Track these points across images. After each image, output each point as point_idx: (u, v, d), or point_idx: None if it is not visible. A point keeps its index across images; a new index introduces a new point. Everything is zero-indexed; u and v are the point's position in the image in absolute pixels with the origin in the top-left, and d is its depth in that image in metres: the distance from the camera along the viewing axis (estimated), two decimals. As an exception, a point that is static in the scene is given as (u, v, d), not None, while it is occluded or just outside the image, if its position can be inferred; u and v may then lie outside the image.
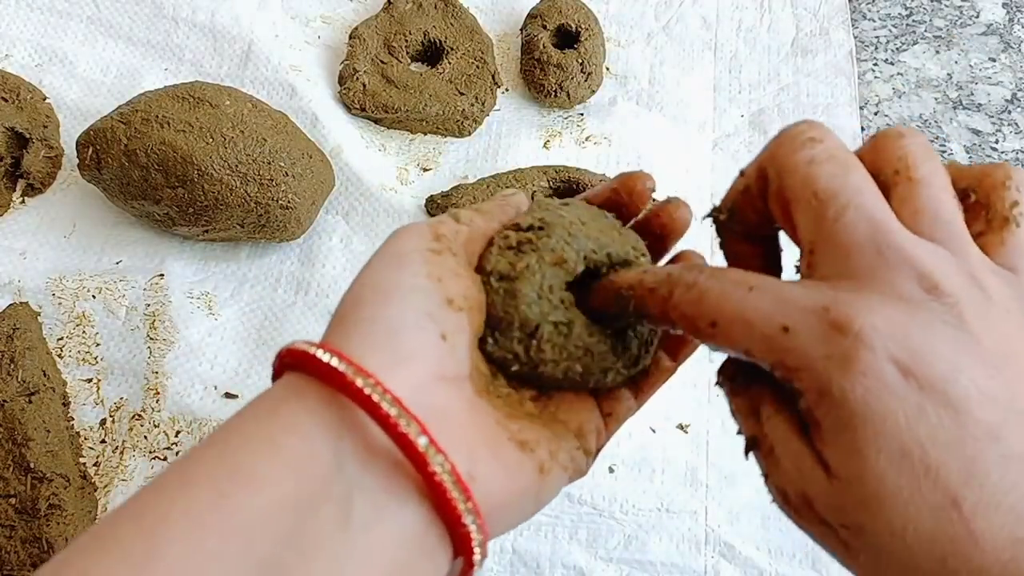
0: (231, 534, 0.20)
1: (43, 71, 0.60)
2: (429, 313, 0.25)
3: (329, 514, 0.22)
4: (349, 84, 0.59)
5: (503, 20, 0.65)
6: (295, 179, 0.51)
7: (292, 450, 0.22)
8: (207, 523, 0.20)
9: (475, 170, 0.59)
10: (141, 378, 0.50)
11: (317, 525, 0.21)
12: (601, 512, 0.48)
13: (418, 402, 0.23)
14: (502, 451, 0.25)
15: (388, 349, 0.24)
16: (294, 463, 0.22)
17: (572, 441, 0.28)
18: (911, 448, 0.20)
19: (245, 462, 0.22)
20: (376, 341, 0.24)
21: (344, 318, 0.25)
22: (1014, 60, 0.65)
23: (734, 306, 0.23)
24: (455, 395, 0.25)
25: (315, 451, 0.22)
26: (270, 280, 0.54)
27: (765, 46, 0.64)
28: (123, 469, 0.48)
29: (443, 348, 0.25)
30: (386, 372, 0.23)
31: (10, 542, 0.43)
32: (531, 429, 0.27)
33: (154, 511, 0.21)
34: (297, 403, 0.23)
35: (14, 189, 0.56)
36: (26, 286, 0.53)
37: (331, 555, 0.21)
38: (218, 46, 0.62)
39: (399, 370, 0.24)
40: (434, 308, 0.25)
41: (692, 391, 0.51)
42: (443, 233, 0.28)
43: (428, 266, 0.26)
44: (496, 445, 0.25)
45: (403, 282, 0.26)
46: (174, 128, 0.49)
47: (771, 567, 0.47)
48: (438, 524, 0.23)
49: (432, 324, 0.25)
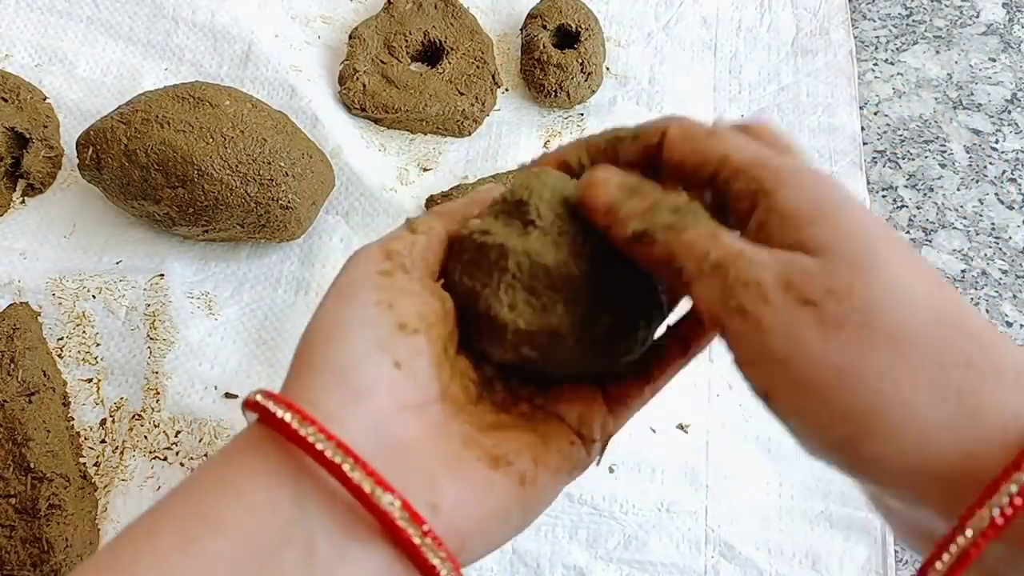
0: None
1: (43, 71, 0.60)
2: (379, 343, 0.25)
3: (292, 558, 0.22)
4: (349, 84, 0.59)
5: (503, 20, 0.65)
6: (295, 179, 0.51)
7: (254, 496, 0.23)
8: (175, 567, 0.21)
9: (475, 170, 0.59)
10: (141, 378, 0.50)
11: (281, 570, 0.22)
12: (601, 512, 0.48)
13: (376, 439, 0.23)
14: (469, 473, 0.25)
15: (341, 389, 0.24)
16: (256, 509, 0.22)
17: (567, 437, 0.28)
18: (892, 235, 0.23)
19: (210, 508, 0.23)
20: (328, 382, 0.24)
21: (300, 361, 0.26)
22: (1014, 60, 0.65)
23: None
24: (419, 423, 0.25)
25: (276, 497, 0.23)
26: (270, 280, 0.54)
27: (765, 46, 0.64)
28: (123, 469, 0.48)
29: (399, 377, 0.25)
30: (342, 412, 0.23)
31: (10, 542, 0.43)
32: (512, 438, 0.27)
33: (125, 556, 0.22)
34: (258, 451, 0.24)
35: (14, 189, 0.56)
36: (26, 286, 0.53)
37: None
38: (218, 46, 0.62)
39: (354, 409, 0.24)
40: (384, 337, 0.25)
41: (692, 391, 0.51)
42: (395, 249, 0.28)
43: (377, 293, 0.26)
44: (461, 468, 0.25)
45: (350, 316, 0.26)
46: (174, 128, 0.49)
47: (771, 567, 0.47)
48: (404, 560, 0.23)
49: (383, 355, 0.25)
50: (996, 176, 0.60)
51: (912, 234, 0.58)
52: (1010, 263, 0.57)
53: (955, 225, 0.58)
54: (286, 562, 0.22)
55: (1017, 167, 0.60)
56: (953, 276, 0.56)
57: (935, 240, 0.57)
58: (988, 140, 0.62)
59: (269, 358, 0.52)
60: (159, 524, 0.23)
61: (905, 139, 0.62)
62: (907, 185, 0.60)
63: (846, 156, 0.59)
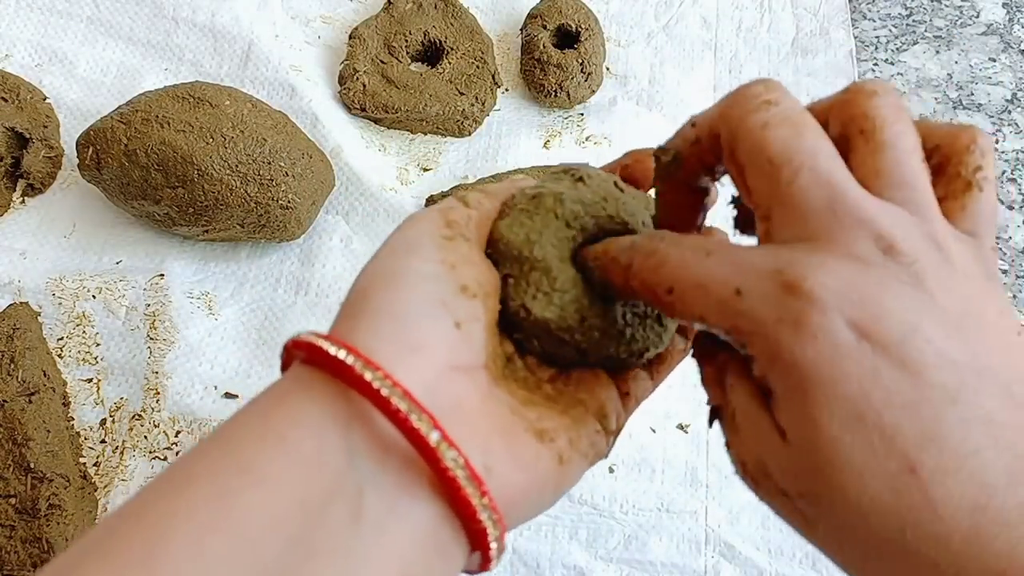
0: (236, 536, 0.19)
1: (43, 71, 0.60)
2: (442, 300, 0.24)
3: (340, 513, 0.21)
4: (349, 84, 0.59)
5: (503, 20, 0.65)
6: (295, 179, 0.51)
7: (300, 445, 0.21)
8: (211, 524, 0.19)
9: (475, 170, 0.59)
10: (141, 378, 0.50)
11: (327, 525, 0.20)
12: (601, 512, 0.48)
13: (431, 394, 0.22)
14: (519, 443, 0.24)
15: (399, 339, 0.23)
16: (302, 459, 0.21)
17: (592, 424, 0.27)
18: (865, 412, 0.19)
19: (251, 458, 0.21)
20: (386, 331, 0.23)
21: (353, 307, 0.24)
22: (1014, 60, 0.65)
23: (691, 271, 0.22)
24: (470, 386, 0.24)
25: (324, 446, 0.21)
26: (270, 280, 0.54)
27: (765, 46, 0.64)
28: (123, 469, 0.48)
29: (457, 337, 0.24)
30: (396, 363, 0.22)
31: (10, 542, 0.43)
32: (550, 417, 0.26)
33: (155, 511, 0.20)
34: (305, 397, 0.22)
35: (14, 189, 0.56)
36: (26, 286, 0.53)
37: (343, 556, 0.20)
38: (218, 46, 0.62)
39: (410, 361, 0.23)
40: (447, 295, 0.24)
41: (692, 391, 0.51)
42: (454, 219, 0.27)
43: (441, 252, 0.25)
44: (512, 437, 0.24)
45: (414, 269, 0.25)
46: (174, 128, 0.49)
47: (771, 567, 0.47)
48: (453, 519, 0.22)
49: (445, 312, 0.24)
50: (996, 176, 0.60)
51: (912, 234, 0.58)
52: (1010, 263, 0.57)
53: (955, 225, 0.58)
54: (332, 518, 0.21)
55: (1017, 167, 0.60)
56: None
57: (935, 240, 0.57)
58: (988, 140, 0.62)
59: (269, 358, 0.52)
60: (193, 475, 0.21)
61: (905, 139, 0.62)
62: (907, 185, 0.60)
63: (846, 156, 0.59)
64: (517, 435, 0.25)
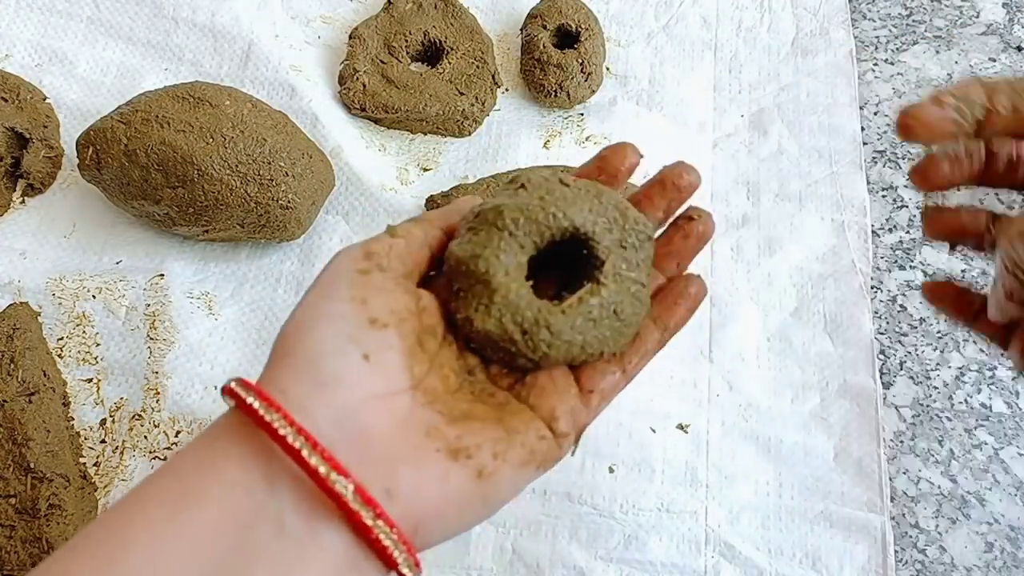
0: (184, 542, 0.24)
1: (43, 71, 0.60)
2: (350, 336, 0.27)
3: (266, 529, 0.24)
4: (349, 84, 0.59)
5: (503, 20, 0.65)
6: (295, 179, 0.51)
7: (231, 475, 0.25)
8: (163, 534, 0.24)
9: (475, 170, 0.59)
10: (141, 378, 0.50)
11: (257, 539, 0.24)
12: (601, 512, 0.48)
13: (339, 426, 0.25)
14: (428, 463, 0.27)
15: (309, 378, 0.26)
16: (233, 486, 0.25)
17: (534, 431, 0.29)
18: None
19: (193, 484, 0.25)
20: (299, 371, 0.26)
21: (276, 350, 0.28)
22: (1014, 60, 0.65)
23: None
24: (382, 413, 0.27)
25: (249, 478, 0.25)
26: (270, 280, 0.54)
27: (765, 46, 0.64)
28: (123, 469, 0.48)
29: (367, 368, 0.27)
30: (307, 401, 0.26)
31: (10, 542, 0.43)
32: (477, 431, 0.28)
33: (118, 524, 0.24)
34: (233, 435, 0.26)
35: (14, 189, 0.56)
36: (26, 286, 0.53)
37: (274, 564, 0.24)
38: (218, 46, 0.62)
39: (321, 397, 0.26)
40: (355, 330, 0.27)
41: (692, 391, 0.51)
42: (374, 251, 0.29)
43: (352, 289, 0.28)
44: (422, 458, 0.27)
45: (325, 310, 0.28)
46: (174, 128, 0.49)
47: (771, 567, 0.47)
48: (360, 541, 0.25)
49: (354, 347, 0.27)
50: (996, 176, 0.60)
51: (912, 234, 0.58)
52: (1010, 263, 0.57)
53: (955, 225, 0.58)
54: (260, 532, 0.24)
55: (1017, 167, 0.60)
56: (953, 276, 0.56)
57: (935, 240, 0.57)
58: (988, 140, 0.61)
59: (269, 358, 0.52)
60: (148, 497, 0.25)
61: (905, 139, 0.62)
62: (907, 185, 0.60)
63: (846, 156, 0.59)
64: (427, 456, 0.27)
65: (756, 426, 0.50)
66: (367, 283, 0.28)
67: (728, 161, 0.59)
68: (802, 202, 0.58)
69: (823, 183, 0.58)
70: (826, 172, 0.59)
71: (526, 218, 0.30)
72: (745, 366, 0.52)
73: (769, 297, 0.55)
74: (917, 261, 0.57)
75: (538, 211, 0.30)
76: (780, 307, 0.54)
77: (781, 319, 0.54)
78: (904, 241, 0.57)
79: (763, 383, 0.52)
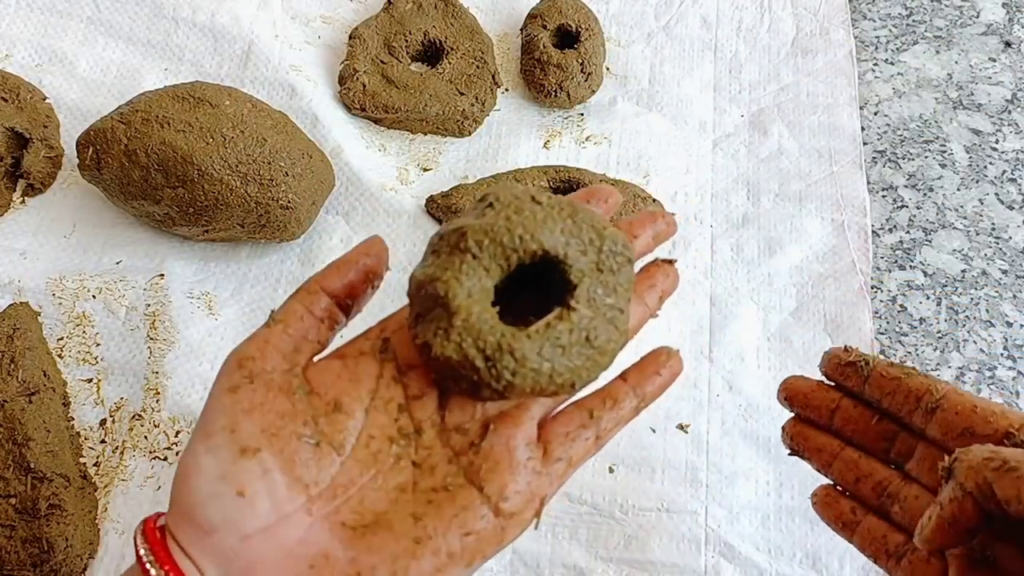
0: None
1: (43, 71, 0.60)
2: (222, 475, 0.27)
3: None
4: (349, 84, 0.59)
5: (503, 20, 0.65)
6: (295, 179, 0.51)
7: None
8: None
9: (475, 170, 0.59)
10: (141, 378, 0.50)
11: None
12: (601, 512, 0.48)
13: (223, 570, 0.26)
14: None
15: (192, 526, 0.26)
16: None
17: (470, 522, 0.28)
18: None
19: None
20: (179, 521, 0.27)
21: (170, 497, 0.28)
22: (1014, 60, 0.65)
23: None
24: (266, 548, 0.26)
25: None
26: (270, 280, 0.54)
27: (765, 46, 0.64)
28: (123, 469, 0.48)
29: (243, 505, 0.26)
30: (193, 548, 0.26)
31: (10, 542, 0.43)
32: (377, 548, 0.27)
33: None
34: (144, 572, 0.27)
35: (14, 189, 0.56)
36: (26, 286, 0.53)
37: None
38: (218, 46, 0.62)
39: (202, 545, 0.26)
40: (227, 467, 0.27)
41: (692, 391, 0.51)
42: (247, 356, 0.29)
43: (223, 417, 0.27)
44: None
45: (198, 449, 0.27)
46: (174, 128, 0.49)
47: (771, 567, 0.47)
48: None
49: (225, 487, 0.26)
50: (996, 176, 0.60)
51: (912, 234, 0.58)
52: (1010, 263, 0.57)
53: (955, 225, 0.58)
54: None
55: (1017, 167, 0.60)
56: (953, 276, 0.56)
57: (935, 240, 0.57)
58: (988, 140, 0.62)
59: (269, 358, 0.52)
60: None
61: (905, 139, 0.62)
62: (907, 185, 0.60)
63: (846, 156, 0.59)
64: None
65: (756, 426, 0.50)
66: (236, 405, 0.28)
67: (728, 161, 0.59)
68: (802, 202, 0.58)
69: (823, 183, 0.58)
70: (826, 172, 0.59)
71: (491, 240, 0.28)
72: (745, 366, 0.52)
73: (769, 297, 0.55)
74: (917, 261, 0.57)
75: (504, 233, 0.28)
76: (780, 307, 0.54)
77: (781, 319, 0.54)
78: (904, 241, 0.57)
79: (763, 383, 0.52)
